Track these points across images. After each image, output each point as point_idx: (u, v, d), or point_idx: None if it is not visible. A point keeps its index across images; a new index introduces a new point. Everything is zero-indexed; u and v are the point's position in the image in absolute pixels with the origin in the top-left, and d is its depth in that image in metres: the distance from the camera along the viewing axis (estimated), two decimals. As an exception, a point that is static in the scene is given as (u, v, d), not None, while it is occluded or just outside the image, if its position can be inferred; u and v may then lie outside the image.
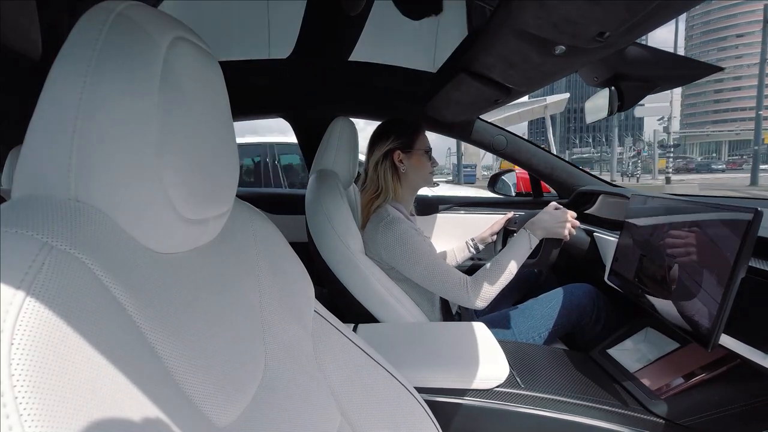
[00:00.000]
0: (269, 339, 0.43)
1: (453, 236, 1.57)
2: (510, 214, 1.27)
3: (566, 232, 0.96)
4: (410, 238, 0.95)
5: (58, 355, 0.22)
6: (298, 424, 0.42)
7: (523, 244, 0.94)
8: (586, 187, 1.45)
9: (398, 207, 1.04)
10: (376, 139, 1.07)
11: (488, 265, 0.93)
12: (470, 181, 17.52)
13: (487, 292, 0.91)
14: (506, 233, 1.27)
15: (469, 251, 1.32)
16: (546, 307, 1.06)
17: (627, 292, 0.90)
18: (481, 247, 1.31)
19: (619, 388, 0.78)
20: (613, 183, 1.72)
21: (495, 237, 1.30)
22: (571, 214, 0.97)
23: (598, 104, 1.10)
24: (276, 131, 3.79)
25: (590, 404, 0.73)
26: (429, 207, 1.62)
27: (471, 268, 1.56)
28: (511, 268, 0.92)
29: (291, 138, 2.13)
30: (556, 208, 0.99)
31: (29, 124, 0.29)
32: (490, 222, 1.34)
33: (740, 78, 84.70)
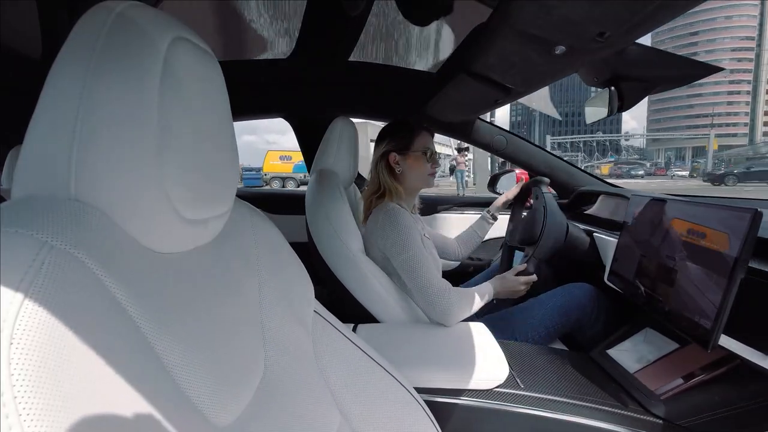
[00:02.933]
0: (269, 339, 0.43)
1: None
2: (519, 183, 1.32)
3: (521, 292, 1.06)
4: (404, 226, 0.96)
5: (57, 354, 0.22)
6: (298, 424, 0.42)
7: (487, 294, 1.01)
8: (586, 187, 1.45)
9: (401, 205, 1.05)
10: (376, 141, 1.11)
11: (465, 291, 0.97)
12: (253, 184, 15.17)
13: (455, 314, 0.92)
14: (523, 196, 1.32)
15: (488, 224, 1.37)
16: (546, 307, 1.06)
17: (627, 293, 0.90)
18: (496, 214, 1.36)
19: (619, 388, 0.78)
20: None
21: (510, 202, 1.34)
22: (526, 280, 1.05)
23: (598, 105, 1.10)
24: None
25: (590, 405, 0.73)
26: (429, 207, 1.62)
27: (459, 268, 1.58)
28: (475, 303, 0.97)
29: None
30: (518, 273, 1.07)
31: (29, 123, 0.29)
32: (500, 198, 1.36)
33: (702, 85, 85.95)
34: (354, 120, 1.19)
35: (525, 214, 1.26)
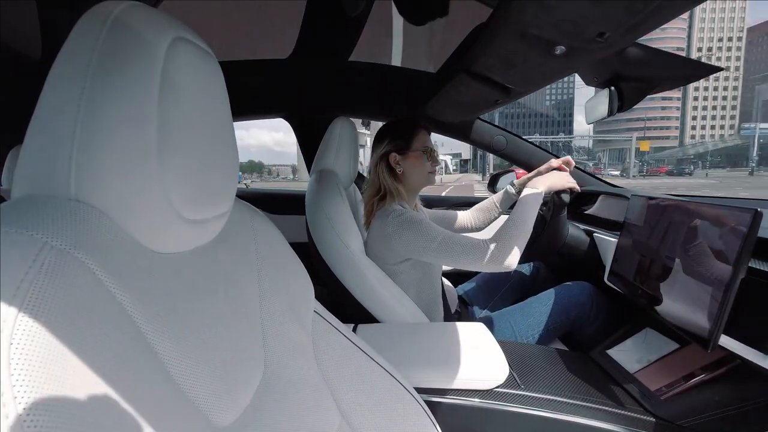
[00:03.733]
0: (269, 339, 0.43)
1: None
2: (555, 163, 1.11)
3: (569, 181, 0.99)
4: (419, 221, 0.95)
5: (57, 354, 0.22)
6: (298, 424, 0.42)
7: (533, 200, 0.94)
8: (586, 187, 1.45)
9: (403, 205, 1.05)
10: (375, 142, 1.10)
11: (502, 226, 0.91)
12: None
13: (510, 249, 0.87)
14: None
15: (510, 198, 1.23)
16: (545, 305, 1.06)
17: (627, 293, 0.90)
18: (520, 188, 1.20)
19: (619, 388, 0.78)
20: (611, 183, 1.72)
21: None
22: (563, 173, 1.01)
23: (598, 105, 1.10)
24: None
25: (590, 405, 0.73)
26: (429, 207, 1.62)
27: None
28: (526, 224, 0.90)
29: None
30: (553, 168, 1.03)
31: (29, 124, 0.29)
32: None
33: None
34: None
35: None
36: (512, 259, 0.87)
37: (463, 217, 1.30)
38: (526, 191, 0.96)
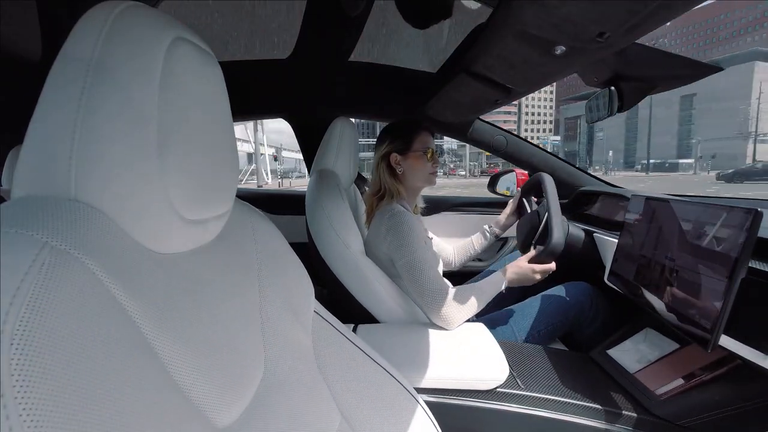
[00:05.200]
0: (269, 339, 0.43)
1: (452, 236, 1.57)
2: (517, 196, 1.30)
3: (537, 280, 1.01)
4: (407, 228, 0.96)
5: (58, 355, 0.22)
6: (298, 424, 0.42)
7: (497, 285, 0.99)
8: (586, 187, 1.45)
9: (403, 204, 1.05)
10: (377, 142, 1.11)
11: (468, 287, 0.95)
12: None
13: (456, 314, 0.91)
14: (520, 211, 1.28)
15: (486, 238, 1.32)
16: (544, 306, 1.06)
17: (627, 293, 0.90)
18: (498, 232, 1.31)
19: (619, 388, 0.78)
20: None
21: (513, 218, 1.30)
22: (543, 269, 1.00)
23: (598, 105, 1.10)
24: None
25: (590, 405, 0.73)
26: (433, 207, 1.62)
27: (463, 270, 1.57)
28: (483, 300, 0.95)
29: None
30: (531, 260, 1.03)
31: (29, 124, 0.29)
32: (490, 222, 1.34)
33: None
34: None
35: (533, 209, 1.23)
36: (456, 322, 0.92)
37: (447, 252, 1.36)
38: (497, 275, 0.99)
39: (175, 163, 0.32)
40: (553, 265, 1.01)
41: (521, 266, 1.00)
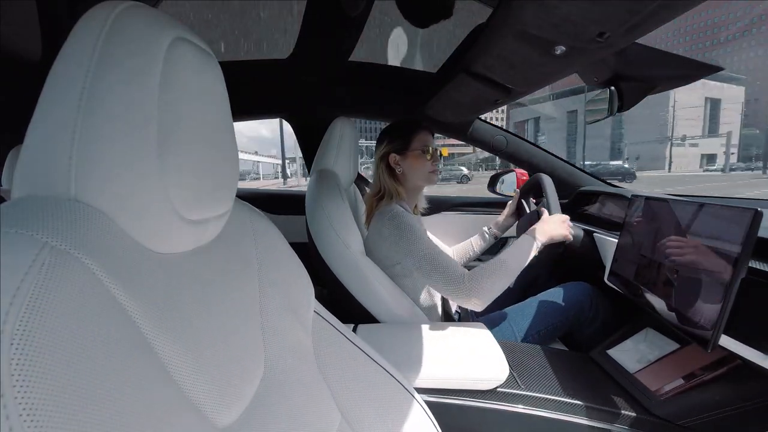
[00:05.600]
0: (269, 339, 0.43)
1: (453, 236, 1.57)
2: (517, 196, 1.31)
3: (567, 232, 1.01)
4: (411, 228, 0.95)
5: (58, 355, 0.22)
6: (298, 424, 0.42)
7: (527, 248, 0.94)
8: (586, 187, 1.45)
9: (402, 205, 1.05)
10: (376, 143, 1.11)
11: (489, 262, 0.91)
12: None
13: (485, 291, 0.86)
14: (519, 212, 1.29)
15: (485, 240, 1.32)
16: (544, 306, 1.06)
17: (627, 293, 0.90)
18: (497, 233, 1.32)
19: (619, 388, 0.78)
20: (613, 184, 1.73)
21: (512, 219, 1.31)
22: (563, 218, 1.02)
23: (598, 105, 1.10)
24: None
25: (590, 405, 0.73)
26: (435, 207, 1.62)
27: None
28: (513, 269, 0.90)
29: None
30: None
31: (29, 123, 0.29)
32: (490, 222, 1.35)
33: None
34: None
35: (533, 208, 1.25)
36: (484, 300, 0.87)
37: (447, 252, 1.34)
38: (524, 239, 0.96)
39: (175, 163, 0.32)
40: (567, 217, 1.02)
41: (545, 222, 1.00)
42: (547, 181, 1.12)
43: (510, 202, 1.33)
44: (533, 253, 0.94)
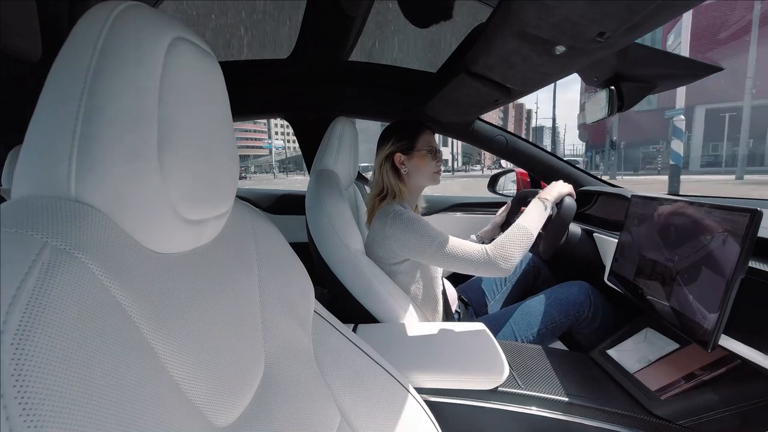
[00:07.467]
0: (269, 339, 0.43)
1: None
2: (506, 205, 1.34)
3: (570, 189, 1.07)
4: (418, 223, 0.96)
5: (58, 354, 0.22)
6: (298, 424, 0.42)
7: (540, 210, 0.99)
8: (586, 187, 1.45)
9: (403, 205, 1.05)
10: (379, 142, 1.11)
11: (508, 231, 0.94)
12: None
13: (509, 254, 0.90)
14: (510, 219, 1.30)
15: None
16: (544, 305, 1.06)
17: (627, 293, 0.90)
18: (486, 241, 1.32)
19: (619, 388, 0.78)
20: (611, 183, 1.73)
21: (500, 227, 1.33)
22: (561, 182, 1.08)
23: (598, 104, 1.10)
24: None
25: (590, 405, 0.73)
26: (434, 207, 1.62)
27: None
28: (530, 229, 0.94)
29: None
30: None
31: (29, 124, 0.29)
32: (490, 222, 1.35)
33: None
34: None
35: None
36: (511, 264, 0.90)
37: None
38: (534, 203, 1.01)
39: (175, 163, 0.32)
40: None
41: (546, 188, 1.06)
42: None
43: (500, 211, 1.36)
44: (548, 212, 1.00)
